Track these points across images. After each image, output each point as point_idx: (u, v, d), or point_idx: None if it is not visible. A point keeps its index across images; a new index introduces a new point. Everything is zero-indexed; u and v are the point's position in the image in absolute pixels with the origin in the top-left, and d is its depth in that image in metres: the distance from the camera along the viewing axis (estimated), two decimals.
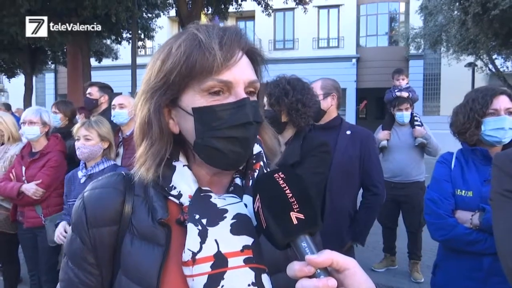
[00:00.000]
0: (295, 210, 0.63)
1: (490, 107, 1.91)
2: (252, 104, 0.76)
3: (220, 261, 0.72)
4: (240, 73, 0.75)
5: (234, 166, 0.81)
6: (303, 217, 0.63)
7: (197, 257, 0.72)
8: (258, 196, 0.67)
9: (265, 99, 2.18)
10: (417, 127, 4.32)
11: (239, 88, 0.75)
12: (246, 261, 0.73)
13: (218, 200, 0.78)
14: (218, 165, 0.79)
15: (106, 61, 17.16)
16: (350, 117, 21.63)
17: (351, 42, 22.49)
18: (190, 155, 0.83)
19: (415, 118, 4.40)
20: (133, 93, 9.70)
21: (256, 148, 0.85)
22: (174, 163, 0.81)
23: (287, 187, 0.65)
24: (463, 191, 1.90)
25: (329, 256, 0.60)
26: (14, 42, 11.60)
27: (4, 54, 14.03)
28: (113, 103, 3.52)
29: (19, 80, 18.72)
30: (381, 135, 4.43)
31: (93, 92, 4.11)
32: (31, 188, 3.08)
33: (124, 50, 15.70)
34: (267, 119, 2.20)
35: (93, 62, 14.35)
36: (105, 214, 0.81)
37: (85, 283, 0.83)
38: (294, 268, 0.61)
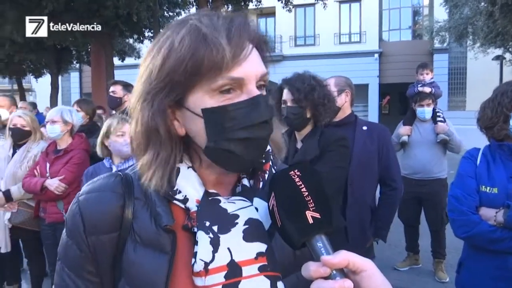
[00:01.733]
0: (311, 209, 0.61)
1: None
2: (265, 100, 0.71)
3: (234, 270, 0.68)
4: (251, 68, 0.69)
5: (249, 168, 0.78)
6: (319, 217, 0.61)
7: (210, 267, 0.68)
8: (273, 194, 0.65)
9: (288, 95, 2.19)
10: (439, 123, 4.19)
11: (251, 85, 0.69)
12: (261, 269, 0.70)
13: (228, 205, 0.74)
14: (232, 168, 0.74)
15: (129, 60, 17.43)
16: (372, 113, 21.32)
17: (373, 36, 22.12)
18: (195, 157, 0.77)
19: (438, 114, 4.27)
20: None
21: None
22: (178, 165, 0.75)
23: (303, 185, 0.63)
24: (488, 188, 1.85)
25: (345, 257, 0.58)
26: (40, 43, 11.94)
27: (31, 55, 14.46)
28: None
29: (46, 79, 19.29)
30: (402, 130, 4.33)
31: (117, 90, 4.15)
32: (54, 183, 3.16)
33: (146, 49, 15.90)
34: (292, 115, 2.19)
35: (116, 61, 14.61)
36: (104, 220, 0.74)
37: None
38: (310, 268, 0.58)
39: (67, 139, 3.37)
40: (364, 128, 2.63)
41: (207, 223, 0.71)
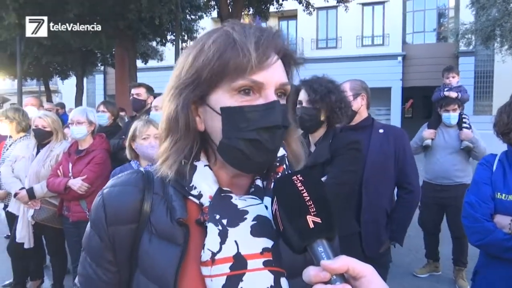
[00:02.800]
0: (312, 214, 0.62)
1: None
2: (281, 107, 0.74)
3: (239, 262, 0.71)
4: (272, 75, 0.74)
5: (257, 170, 0.80)
6: (320, 221, 0.62)
7: (216, 257, 0.71)
8: (275, 198, 0.67)
9: (304, 96, 2.20)
10: (464, 129, 4.10)
11: (269, 90, 0.73)
12: (266, 263, 0.72)
13: (239, 201, 0.77)
14: (241, 168, 0.77)
15: (151, 63, 17.72)
16: (395, 116, 20.98)
17: (396, 39, 21.78)
18: (211, 155, 0.81)
19: (464, 120, 4.17)
20: None
21: (280, 151, 0.83)
22: (195, 163, 0.80)
23: (304, 190, 0.64)
24: (504, 195, 1.81)
25: (345, 263, 0.58)
26: (66, 46, 12.27)
27: (58, 57, 14.89)
28: (154, 103, 3.63)
29: (71, 81, 19.83)
30: (426, 133, 4.26)
31: (142, 93, 4.23)
32: (77, 183, 3.25)
33: (168, 52, 16.12)
34: (306, 116, 2.20)
35: (139, 63, 14.88)
36: (124, 212, 0.80)
37: (102, 279, 0.83)
38: (310, 273, 0.60)
39: (89, 140, 3.47)
40: (381, 131, 2.61)
41: (217, 216, 0.74)
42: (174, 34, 12.88)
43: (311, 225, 0.61)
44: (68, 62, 16.87)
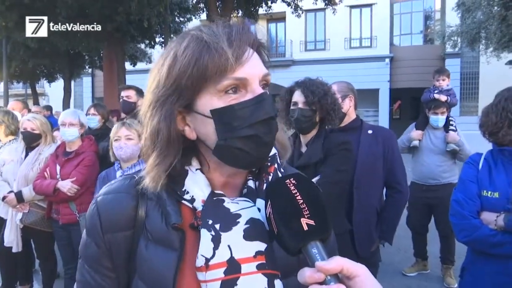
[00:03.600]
0: (306, 216, 0.63)
1: None
2: (269, 97, 0.75)
3: (233, 267, 0.72)
4: (253, 68, 0.74)
5: (257, 164, 0.81)
6: (314, 224, 0.63)
7: (210, 263, 0.72)
8: (269, 202, 0.68)
9: (300, 97, 2.23)
10: (451, 132, 4.16)
11: (254, 84, 0.74)
12: (259, 267, 0.73)
13: (232, 205, 0.78)
14: (241, 165, 0.78)
15: (140, 65, 17.62)
16: (383, 118, 21.17)
17: (384, 41, 22.00)
18: (203, 160, 0.81)
19: (451, 122, 4.23)
20: None
21: (271, 151, 0.83)
22: (186, 168, 0.80)
23: (298, 194, 0.66)
24: (489, 192, 1.85)
25: (339, 263, 0.60)
26: (54, 48, 12.15)
27: (45, 60, 14.73)
28: None
29: (59, 84, 19.60)
30: (414, 134, 4.30)
31: (132, 95, 4.21)
32: (66, 185, 3.22)
33: (157, 54, 16.01)
34: (303, 118, 2.24)
35: (128, 65, 14.78)
36: (119, 219, 0.81)
37: (101, 285, 0.83)
38: (305, 274, 0.61)
39: (78, 142, 3.45)
40: (370, 132, 2.66)
41: (210, 221, 0.75)
42: (163, 36, 12.86)
43: (305, 228, 0.63)
44: (56, 64, 16.72)
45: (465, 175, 1.99)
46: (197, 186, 0.79)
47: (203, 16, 14.29)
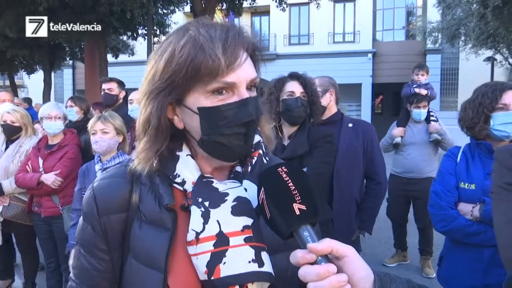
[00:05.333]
0: (298, 202, 0.68)
1: (499, 102, 1.92)
2: (254, 101, 0.80)
3: (222, 240, 0.77)
4: (243, 74, 0.79)
5: (237, 157, 0.86)
6: (305, 208, 0.67)
7: (200, 236, 0.77)
8: (262, 189, 0.72)
9: (298, 87, 2.28)
10: (432, 122, 4.28)
11: (241, 88, 0.79)
12: (247, 239, 0.78)
13: (220, 185, 0.83)
14: (222, 157, 0.84)
15: (122, 57, 17.37)
16: (365, 112, 21.43)
17: (367, 36, 22.21)
18: (192, 147, 0.87)
19: (431, 114, 4.36)
20: None
21: (256, 138, 0.89)
22: (177, 153, 0.86)
23: (290, 180, 0.70)
24: (466, 184, 1.93)
25: (329, 244, 0.65)
26: (33, 39, 11.86)
27: (24, 51, 14.34)
28: (130, 97, 3.62)
29: (39, 76, 19.15)
30: (396, 131, 4.40)
31: (114, 87, 4.19)
32: (50, 178, 3.20)
33: (140, 46, 15.85)
34: (303, 107, 2.29)
35: (110, 58, 14.56)
36: (114, 202, 0.86)
37: (97, 268, 0.88)
38: (297, 255, 0.65)
39: (60, 135, 3.42)
40: (350, 125, 2.72)
41: (200, 199, 0.81)
42: (145, 28, 12.68)
43: (297, 212, 0.67)
44: (35, 55, 16.31)
45: (444, 167, 2.06)
46: (187, 170, 0.85)
47: (187, 8, 14.17)
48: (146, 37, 12.47)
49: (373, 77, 21.92)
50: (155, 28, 13.52)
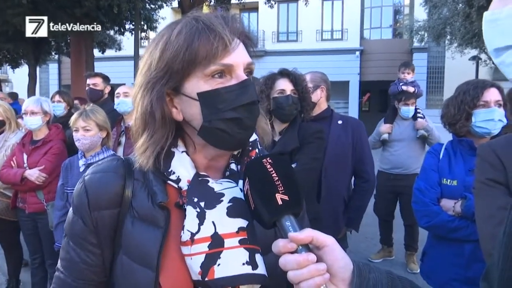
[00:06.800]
0: (280, 192, 0.69)
1: (480, 99, 1.96)
2: (252, 84, 0.80)
3: (217, 241, 0.77)
4: (239, 57, 0.79)
5: (239, 146, 0.86)
6: (287, 198, 0.68)
7: (195, 237, 0.76)
8: (247, 180, 0.73)
9: (289, 85, 2.29)
10: (419, 119, 4.35)
11: (239, 71, 0.79)
12: (241, 242, 0.78)
13: (215, 185, 0.82)
14: (223, 146, 0.82)
15: (109, 52, 17.16)
16: (353, 109, 21.58)
17: (355, 34, 22.34)
18: (189, 141, 0.86)
19: (418, 111, 4.43)
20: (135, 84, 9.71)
21: (252, 136, 0.89)
22: (172, 149, 0.84)
23: (273, 171, 0.71)
24: (449, 180, 1.97)
25: (309, 234, 0.66)
26: (18, 32, 11.65)
27: (8, 45, 14.07)
28: (117, 91, 3.60)
29: (23, 70, 18.79)
30: (383, 128, 4.47)
31: (99, 83, 4.17)
32: (34, 173, 3.15)
33: (127, 41, 15.69)
34: (294, 105, 2.31)
35: (96, 52, 14.38)
36: (106, 197, 0.84)
37: (86, 261, 0.86)
38: (278, 244, 0.66)
39: (45, 130, 3.37)
40: (339, 122, 2.73)
41: (195, 199, 0.80)
42: (133, 23, 12.55)
43: (280, 202, 0.68)
44: (20, 49, 16.01)
45: (427, 164, 2.10)
46: (183, 167, 0.83)
47: (175, 3, 14.06)
48: (133, 32, 12.34)
49: (360, 75, 22.07)
50: (142, 23, 13.38)
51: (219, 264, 0.75)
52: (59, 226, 2.76)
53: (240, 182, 0.84)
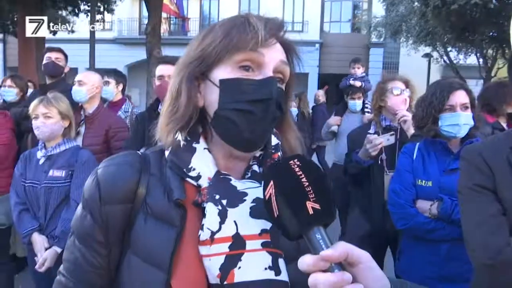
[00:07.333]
0: (311, 200, 0.60)
1: (446, 103, 1.97)
2: (277, 86, 0.77)
3: (238, 242, 0.71)
4: (273, 53, 0.78)
5: (247, 147, 0.79)
6: (319, 208, 0.59)
7: (215, 236, 0.72)
8: (271, 183, 0.64)
9: None
10: (366, 113, 4.49)
11: (267, 68, 0.76)
12: (264, 245, 0.72)
13: (238, 183, 0.78)
14: (232, 142, 0.78)
15: (61, 34, 16.23)
16: (311, 102, 21.89)
17: (315, 27, 22.56)
18: (209, 136, 0.82)
19: (366, 105, 4.58)
20: (90, 69, 9.24)
21: (274, 140, 0.85)
22: (194, 145, 0.80)
23: (303, 175, 0.62)
24: (423, 181, 1.99)
25: (344, 250, 0.57)
26: None
27: None
28: (77, 78, 3.35)
29: None
30: (332, 120, 4.62)
31: (62, 58, 3.86)
32: None
33: (81, 23, 14.90)
34: None
35: (47, 34, 13.56)
36: (119, 191, 0.79)
37: (91, 263, 0.81)
38: (307, 262, 0.58)
39: None
40: None
41: (217, 196, 0.75)
42: (88, 4, 11.93)
43: (311, 212, 0.59)
44: None
45: (401, 165, 2.10)
46: (204, 164, 0.79)
47: None
48: (88, 13, 11.74)
49: (319, 68, 22.38)
50: (99, 4, 12.74)
51: (239, 267, 0.70)
52: (21, 221, 2.52)
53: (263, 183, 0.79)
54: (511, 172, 1.22)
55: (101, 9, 13.30)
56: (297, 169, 0.63)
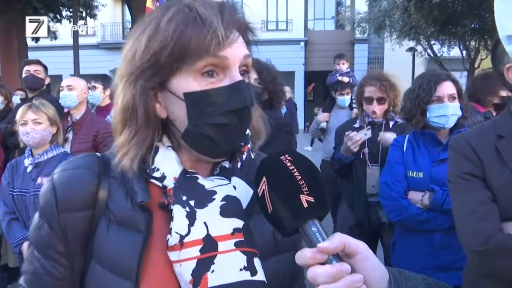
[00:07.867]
0: (305, 193, 0.59)
1: (434, 95, 1.99)
2: (247, 86, 0.72)
3: (209, 244, 0.68)
4: (236, 50, 0.70)
5: (223, 155, 0.77)
6: (313, 200, 0.59)
7: (185, 240, 0.67)
8: (264, 180, 0.63)
9: (252, 73, 2.21)
10: (355, 109, 4.48)
11: (234, 69, 0.70)
12: (237, 244, 0.69)
13: (206, 182, 0.73)
14: (208, 154, 0.74)
15: (44, 41, 16.01)
16: (298, 100, 21.86)
17: (299, 25, 22.65)
18: (174, 139, 0.76)
19: (353, 100, 4.57)
20: (75, 75, 9.14)
21: None
22: (156, 144, 0.75)
23: (295, 169, 0.61)
24: (414, 173, 2.00)
25: (341, 241, 0.57)
26: None
27: None
28: (61, 84, 3.32)
29: None
30: (321, 117, 4.61)
31: (41, 71, 3.85)
32: None
33: (64, 30, 14.71)
34: (256, 95, 2.22)
35: (30, 41, 13.37)
36: (78, 197, 0.73)
37: (52, 274, 0.75)
38: (306, 256, 0.57)
39: None
40: None
41: (184, 198, 0.70)
42: (70, 10, 11.79)
43: (305, 205, 0.59)
44: None
45: (391, 157, 2.12)
46: (168, 163, 0.74)
47: None
48: (71, 19, 11.60)
49: (305, 65, 22.46)
50: (81, 10, 12.60)
51: (213, 271, 0.67)
52: (10, 230, 2.48)
53: (233, 179, 0.76)
54: (499, 159, 1.23)
55: (84, 14, 13.15)
56: (288, 164, 0.62)
